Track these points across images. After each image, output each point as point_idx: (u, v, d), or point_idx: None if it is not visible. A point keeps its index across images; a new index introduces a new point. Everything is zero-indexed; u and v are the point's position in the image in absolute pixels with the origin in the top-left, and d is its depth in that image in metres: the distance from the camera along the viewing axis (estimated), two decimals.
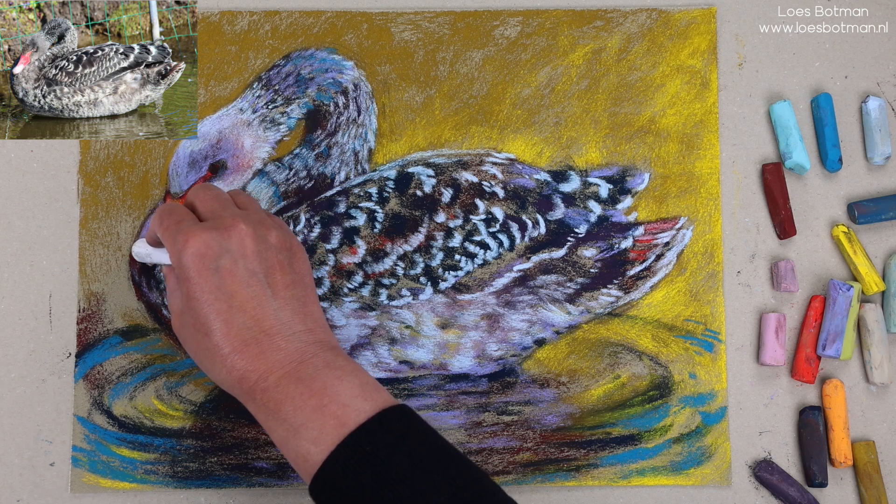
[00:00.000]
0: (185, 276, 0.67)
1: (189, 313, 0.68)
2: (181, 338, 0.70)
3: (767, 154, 0.85)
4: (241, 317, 0.66)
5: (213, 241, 0.67)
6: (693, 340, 0.83)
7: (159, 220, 0.70)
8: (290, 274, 0.69)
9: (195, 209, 0.72)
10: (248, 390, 0.67)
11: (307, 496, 0.81)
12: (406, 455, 0.63)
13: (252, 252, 0.68)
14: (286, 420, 0.65)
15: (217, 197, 0.71)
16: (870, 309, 0.82)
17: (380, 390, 0.66)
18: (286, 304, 0.68)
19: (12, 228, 0.83)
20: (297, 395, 0.65)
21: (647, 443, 0.81)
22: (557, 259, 0.83)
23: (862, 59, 0.86)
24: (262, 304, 0.67)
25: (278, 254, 0.69)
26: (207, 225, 0.68)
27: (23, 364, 0.81)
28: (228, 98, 0.84)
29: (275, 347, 0.66)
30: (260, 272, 0.68)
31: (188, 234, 0.67)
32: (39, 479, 0.80)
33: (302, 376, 0.65)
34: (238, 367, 0.66)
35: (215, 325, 0.66)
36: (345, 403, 0.64)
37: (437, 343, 0.82)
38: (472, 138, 0.85)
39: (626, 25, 0.85)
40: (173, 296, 0.72)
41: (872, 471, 0.81)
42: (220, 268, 0.67)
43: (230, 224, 0.68)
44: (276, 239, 0.70)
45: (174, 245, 0.68)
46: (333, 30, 0.85)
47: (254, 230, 0.68)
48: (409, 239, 0.82)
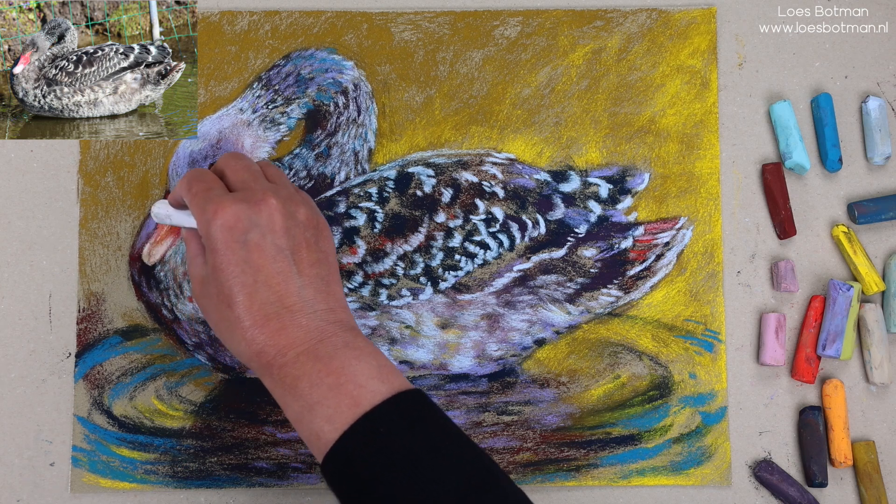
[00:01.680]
0: (212, 247, 0.67)
1: (213, 283, 0.68)
2: (201, 306, 0.70)
3: (767, 154, 0.85)
4: (266, 291, 0.66)
5: (244, 214, 0.67)
6: (693, 340, 0.83)
7: (188, 186, 0.70)
8: (315, 252, 0.69)
9: (224, 177, 0.71)
10: (265, 364, 0.66)
11: (307, 496, 0.81)
12: (419, 439, 0.63)
13: (281, 228, 0.68)
14: (302, 397, 0.65)
15: (248, 167, 0.71)
16: (870, 309, 0.82)
17: (396, 373, 0.66)
18: (310, 282, 0.68)
19: (12, 228, 0.83)
20: (315, 373, 0.65)
21: (647, 443, 0.81)
22: (557, 259, 0.83)
23: (862, 59, 0.86)
24: (286, 280, 0.67)
25: (305, 231, 0.69)
26: (238, 196, 0.68)
27: (23, 364, 0.81)
28: (228, 98, 0.84)
29: (296, 324, 0.66)
30: (287, 249, 0.68)
31: (218, 204, 0.67)
32: (39, 479, 0.80)
33: (320, 354, 0.65)
34: (258, 340, 0.66)
35: (239, 298, 0.66)
36: (361, 384, 0.64)
37: (437, 343, 0.82)
38: (472, 138, 0.85)
39: (626, 25, 0.85)
40: (195, 262, 0.71)
41: (872, 471, 0.81)
42: (248, 241, 0.67)
43: (261, 198, 0.68)
44: (305, 216, 0.70)
45: (203, 214, 0.68)
46: (333, 30, 0.85)
47: (283, 206, 0.68)
48: (409, 239, 0.82)
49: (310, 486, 0.81)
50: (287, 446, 0.81)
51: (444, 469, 0.62)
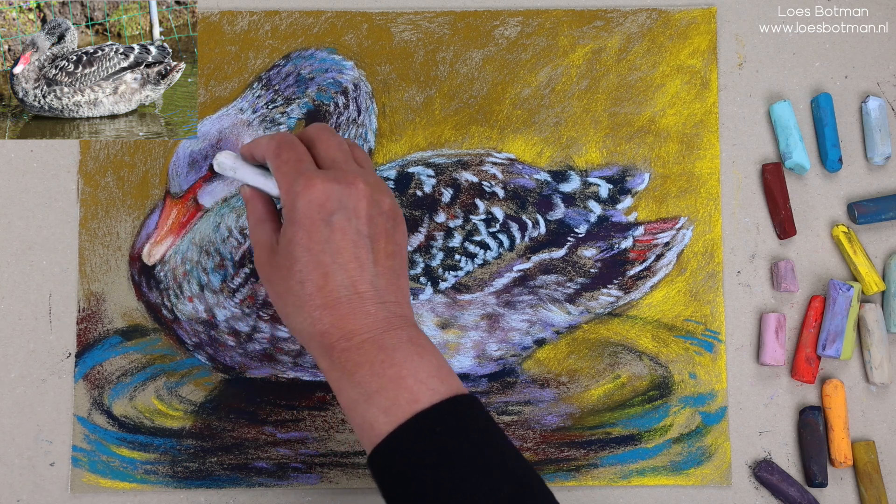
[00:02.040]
0: (295, 220, 0.66)
1: (286, 255, 0.67)
2: (265, 275, 0.69)
3: (767, 154, 0.85)
4: (341, 274, 0.66)
5: (333, 194, 0.66)
6: (693, 340, 0.83)
7: (276, 152, 0.69)
8: (392, 244, 0.69)
9: (314, 150, 0.70)
10: (327, 345, 0.66)
11: (307, 496, 0.81)
12: (472, 444, 0.63)
13: (365, 214, 0.67)
14: (360, 384, 0.64)
15: (339, 146, 0.70)
16: (870, 309, 0.82)
17: (454, 377, 0.66)
18: (384, 272, 0.68)
19: (12, 228, 0.83)
20: (378, 362, 0.64)
21: (647, 443, 0.81)
22: (557, 259, 0.83)
23: (862, 59, 0.86)
24: (363, 267, 0.66)
25: (386, 221, 0.69)
26: (330, 175, 0.67)
27: (23, 364, 0.81)
28: (228, 98, 0.84)
29: (364, 311, 0.66)
30: (368, 236, 0.67)
31: (309, 178, 0.66)
32: (39, 479, 0.80)
33: (385, 345, 0.65)
34: (324, 321, 0.66)
35: (313, 276, 0.66)
36: (422, 380, 0.64)
37: (437, 343, 0.82)
38: (472, 138, 0.85)
39: (626, 25, 0.85)
40: (261, 227, 0.70)
41: (872, 471, 0.81)
42: (333, 222, 0.66)
43: (351, 181, 0.67)
44: (388, 206, 0.69)
45: (292, 185, 0.67)
46: (333, 30, 0.85)
47: (371, 192, 0.68)
48: (409, 239, 0.82)
49: (310, 486, 0.81)
50: (287, 446, 0.81)
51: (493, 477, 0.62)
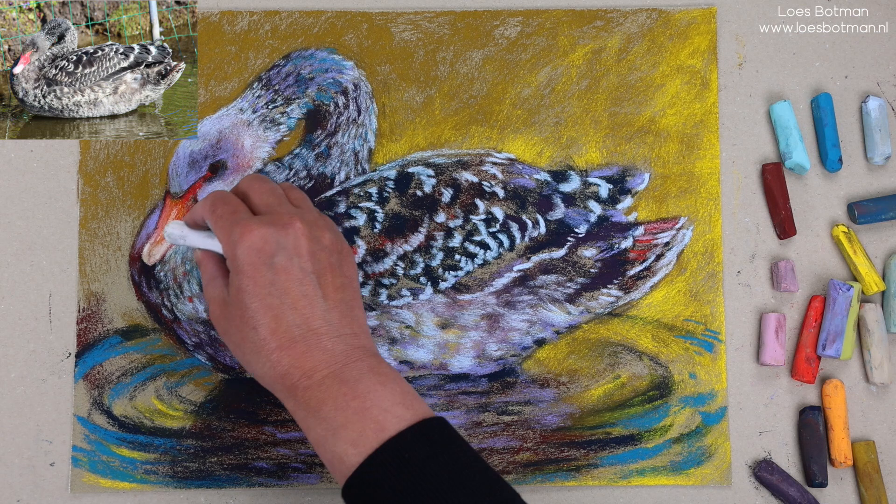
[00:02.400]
0: (237, 269, 0.67)
1: (237, 305, 0.68)
2: (222, 328, 0.70)
3: (767, 154, 0.85)
4: (292, 314, 0.67)
5: (271, 237, 0.67)
6: (693, 340, 0.83)
7: (212, 208, 0.70)
8: (340, 277, 0.69)
9: (248, 200, 0.71)
10: (289, 387, 0.66)
11: (307, 496, 0.81)
12: (443, 467, 0.63)
13: (307, 251, 0.68)
14: (326, 419, 0.65)
15: (272, 191, 0.71)
16: (870, 309, 0.82)
17: (420, 401, 0.66)
18: (335, 306, 0.68)
19: (12, 228, 0.83)
20: (340, 396, 0.65)
21: (647, 443, 0.81)
22: (557, 259, 0.83)
23: (862, 59, 0.86)
24: (312, 303, 0.67)
25: (330, 256, 0.69)
26: (265, 220, 0.68)
27: (23, 364, 0.81)
28: (228, 98, 0.84)
29: (321, 347, 0.66)
30: (313, 272, 0.68)
31: (245, 227, 0.67)
32: (39, 479, 0.80)
33: (346, 378, 0.65)
34: (283, 363, 0.66)
35: (264, 320, 0.66)
36: (386, 409, 0.64)
37: (437, 343, 0.82)
38: (472, 138, 0.85)
39: (626, 25, 0.85)
40: (213, 284, 0.71)
41: (872, 471, 0.81)
42: (274, 264, 0.67)
43: (287, 221, 0.68)
44: (329, 240, 0.70)
45: (230, 236, 0.68)
46: (333, 30, 0.85)
47: (309, 230, 0.68)
48: (409, 239, 0.82)
49: (310, 486, 0.81)
50: (287, 446, 0.81)
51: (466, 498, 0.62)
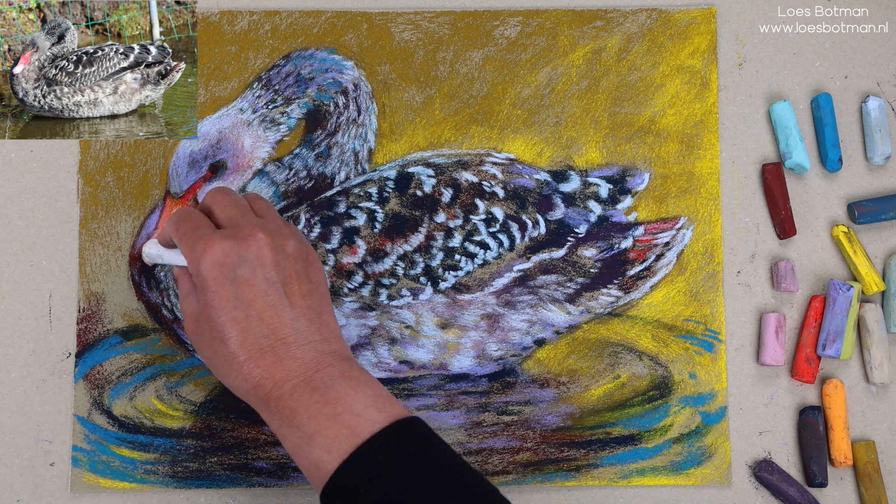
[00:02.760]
0: (202, 284, 0.67)
1: (205, 320, 0.68)
2: (195, 343, 0.70)
3: (767, 154, 0.85)
4: (259, 325, 0.67)
5: (232, 250, 0.67)
6: (693, 340, 0.83)
7: (175, 226, 0.70)
8: (306, 283, 0.69)
9: (212, 214, 0.71)
10: (262, 398, 0.67)
11: (307, 496, 0.81)
12: (418, 466, 0.63)
13: (270, 262, 0.68)
14: (299, 428, 0.65)
15: (235, 203, 0.71)
16: (870, 309, 0.82)
17: (393, 402, 0.67)
18: (303, 313, 0.68)
19: (12, 228, 0.83)
20: (312, 404, 0.65)
21: (647, 443, 0.81)
22: (557, 259, 0.83)
23: (862, 59, 0.86)
24: (279, 313, 0.67)
25: (295, 263, 0.69)
26: (226, 233, 0.68)
27: (23, 364, 0.81)
28: (228, 98, 0.84)
29: (291, 356, 0.67)
30: (278, 282, 0.68)
31: (206, 242, 0.67)
32: (39, 479, 0.80)
33: (317, 385, 0.66)
34: (254, 374, 0.67)
35: (232, 334, 0.67)
36: (358, 413, 0.64)
37: (437, 343, 0.82)
38: (472, 138, 0.85)
39: (626, 25, 0.85)
40: (187, 300, 0.72)
41: (872, 471, 0.81)
42: (238, 277, 0.67)
43: (248, 233, 0.68)
44: (294, 248, 0.70)
45: (192, 252, 0.68)
46: (333, 30, 0.85)
47: (272, 240, 0.69)
48: (409, 239, 0.82)
49: (309, 487, 0.81)
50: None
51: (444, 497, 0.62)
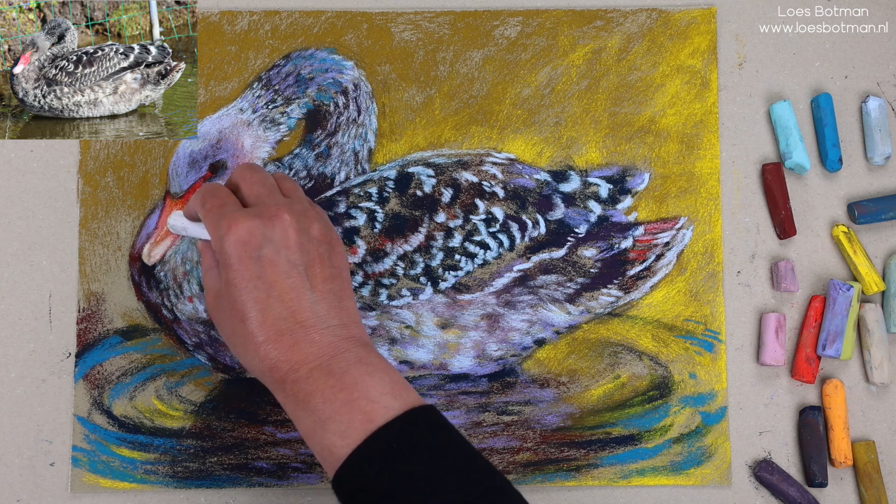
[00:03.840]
0: (225, 262, 0.67)
1: (226, 297, 0.68)
2: (215, 319, 0.70)
3: (767, 154, 0.85)
4: (279, 307, 0.67)
5: (257, 230, 0.67)
6: (693, 340, 0.83)
7: (202, 201, 0.70)
8: (329, 268, 0.69)
9: (239, 191, 0.71)
10: (278, 380, 0.67)
11: (307, 496, 0.81)
12: (432, 455, 0.63)
13: (294, 243, 0.68)
14: (314, 412, 0.65)
15: (263, 181, 0.71)
16: (870, 309, 0.82)
17: (409, 389, 0.66)
18: (323, 297, 0.68)
19: (12, 228, 0.83)
20: (328, 388, 0.65)
21: (647, 443, 0.81)
22: (557, 259, 0.83)
23: (862, 59, 0.86)
24: (300, 295, 0.67)
25: (319, 246, 0.69)
26: (252, 212, 0.68)
27: (23, 364, 0.81)
28: (228, 98, 0.84)
29: (309, 340, 0.67)
30: (300, 264, 0.68)
31: (232, 219, 0.67)
32: (39, 479, 0.80)
33: (333, 370, 0.65)
34: (271, 356, 0.66)
35: (252, 313, 0.67)
36: (374, 399, 0.64)
37: (437, 343, 0.82)
38: (472, 138, 0.85)
39: (626, 25, 0.85)
40: (209, 274, 0.71)
41: (872, 471, 0.81)
42: (261, 257, 0.67)
43: (274, 213, 0.68)
44: (318, 231, 0.70)
45: (217, 229, 0.68)
46: (333, 30, 0.85)
47: (297, 221, 0.68)
48: (409, 239, 0.82)
49: (310, 486, 0.81)
50: (287, 446, 0.81)
51: (455, 486, 0.62)
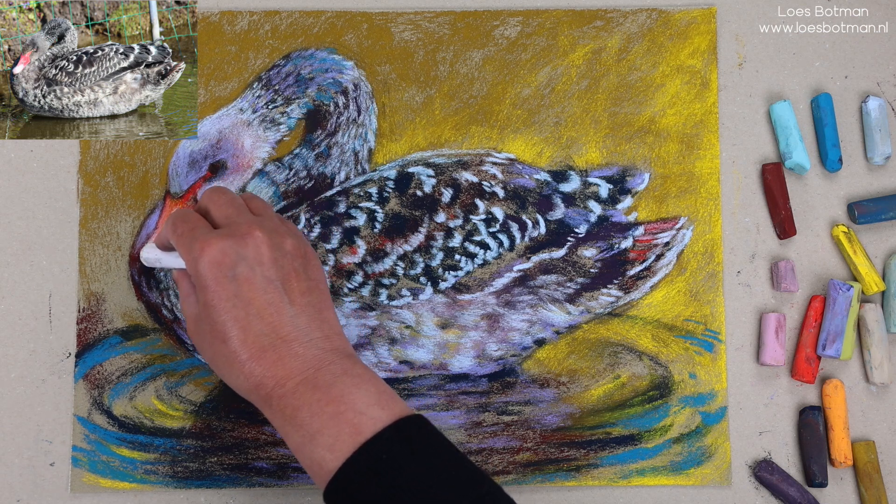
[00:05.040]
0: (202, 285, 0.67)
1: (206, 320, 0.68)
2: (197, 344, 0.70)
3: (767, 154, 0.85)
4: (259, 324, 0.67)
5: (230, 249, 0.67)
6: (693, 340, 0.83)
7: (173, 228, 0.70)
8: (305, 280, 0.69)
9: (209, 215, 0.71)
10: (265, 396, 0.67)
11: (307, 496, 0.81)
12: (422, 465, 0.63)
13: (269, 259, 0.68)
14: (302, 426, 0.65)
15: (231, 202, 0.71)
16: (870, 309, 0.82)
17: (396, 399, 0.66)
18: (303, 310, 0.68)
19: (12, 228, 0.83)
20: (314, 402, 0.65)
21: (647, 443, 0.81)
22: (557, 259, 0.83)
23: (862, 59, 0.86)
24: (279, 311, 0.67)
25: (294, 261, 0.69)
26: (223, 232, 0.68)
27: (23, 364, 0.81)
28: (228, 98, 0.84)
29: (292, 354, 0.67)
30: (276, 279, 0.68)
31: (204, 242, 0.67)
32: (39, 479, 0.80)
33: (319, 383, 0.66)
34: (256, 373, 0.66)
35: (232, 333, 0.67)
36: (361, 411, 0.64)
37: (437, 343, 0.82)
38: (472, 138, 0.85)
39: (626, 25, 0.85)
40: (187, 301, 0.72)
41: (872, 471, 0.81)
42: (237, 276, 0.67)
43: (246, 231, 0.68)
44: (292, 246, 0.70)
45: (190, 253, 0.68)
46: (333, 30, 0.85)
47: (269, 238, 0.68)
48: (409, 239, 0.82)
49: (310, 486, 0.81)
50: (287, 446, 0.81)
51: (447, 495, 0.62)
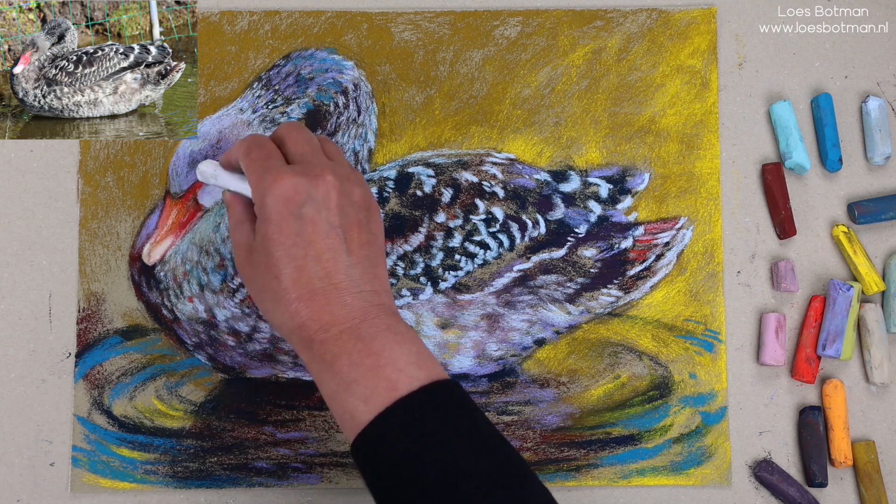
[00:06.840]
0: (265, 216, 0.67)
1: (262, 252, 0.68)
2: (245, 275, 0.70)
3: (767, 154, 0.85)
4: (315, 266, 0.67)
5: (301, 187, 0.67)
6: (693, 340, 0.83)
7: (246, 152, 0.70)
8: (366, 233, 0.69)
9: (284, 147, 0.71)
10: (306, 339, 0.67)
11: (307, 496, 0.81)
12: (452, 428, 0.63)
13: (336, 205, 0.68)
14: (339, 374, 0.65)
15: (308, 140, 0.71)
16: (870, 309, 0.82)
17: (434, 362, 0.66)
18: (359, 262, 0.68)
19: (12, 228, 0.83)
20: (355, 352, 0.65)
21: (647, 443, 0.81)
22: (557, 259, 0.83)
23: (862, 59, 0.86)
24: (336, 257, 0.67)
25: (359, 212, 0.69)
26: (297, 169, 0.68)
27: (23, 364, 0.81)
28: (228, 98, 0.84)
29: (341, 302, 0.67)
30: (339, 227, 0.68)
31: (277, 174, 0.67)
32: (39, 479, 0.80)
33: (362, 335, 0.66)
34: (301, 314, 0.66)
35: (286, 270, 0.67)
36: (400, 368, 0.64)
37: (437, 343, 0.82)
38: (472, 138, 0.85)
39: (626, 25, 0.85)
40: (239, 228, 0.71)
41: (872, 471, 0.81)
42: (302, 215, 0.67)
43: (319, 173, 0.68)
44: (360, 196, 0.70)
45: (261, 183, 0.67)
46: (333, 30, 0.85)
47: (340, 184, 0.68)
48: (409, 239, 0.82)
49: (310, 486, 0.81)
50: (287, 446, 0.81)
51: (474, 460, 0.63)
